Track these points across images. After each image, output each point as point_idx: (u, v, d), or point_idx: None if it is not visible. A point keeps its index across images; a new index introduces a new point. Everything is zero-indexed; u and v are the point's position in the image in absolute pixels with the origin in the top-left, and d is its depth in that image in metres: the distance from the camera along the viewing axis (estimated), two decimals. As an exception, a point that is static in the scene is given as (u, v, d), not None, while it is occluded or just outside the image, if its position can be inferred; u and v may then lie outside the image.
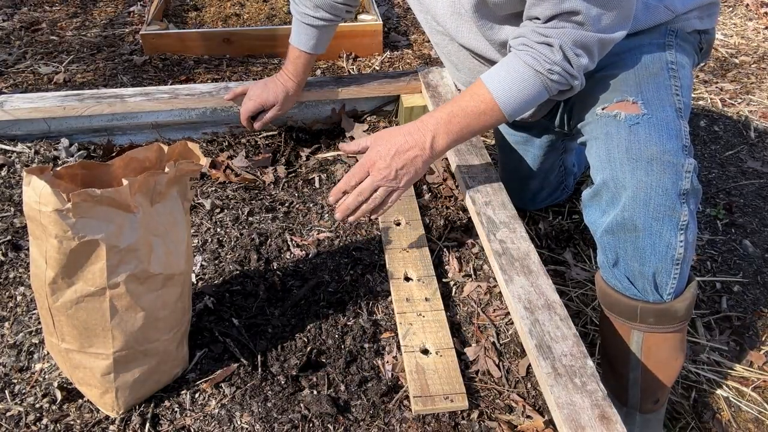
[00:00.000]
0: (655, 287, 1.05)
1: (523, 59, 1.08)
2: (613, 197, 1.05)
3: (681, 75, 1.16)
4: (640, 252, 1.03)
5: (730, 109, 2.42)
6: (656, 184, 1.01)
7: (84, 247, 0.82)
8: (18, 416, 0.97)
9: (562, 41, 1.05)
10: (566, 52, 1.06)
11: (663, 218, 1.01)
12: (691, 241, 1.04)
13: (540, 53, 1.07)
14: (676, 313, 1.07)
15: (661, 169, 1.01)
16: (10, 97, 1.60)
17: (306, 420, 0.96)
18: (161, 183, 0.87)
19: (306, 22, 1.47)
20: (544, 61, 1.07)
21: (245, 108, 1.54)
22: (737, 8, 3.26)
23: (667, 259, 1.03)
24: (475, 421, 0.97)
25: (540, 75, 1.08)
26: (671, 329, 1.09)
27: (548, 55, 1.06)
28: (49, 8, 3.10)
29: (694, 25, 1.27)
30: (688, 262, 1.06)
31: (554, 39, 1.05)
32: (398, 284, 1.19)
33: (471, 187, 1.30)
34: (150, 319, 0.91)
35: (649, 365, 1.13)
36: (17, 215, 1.37)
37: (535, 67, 1.07)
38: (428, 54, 2.72)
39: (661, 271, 1.04)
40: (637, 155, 1.03)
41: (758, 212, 1.92)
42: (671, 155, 1.02)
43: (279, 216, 1.39)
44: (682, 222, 1.02)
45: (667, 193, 1.00)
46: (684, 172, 1.02)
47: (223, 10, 2.89)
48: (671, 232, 1.02)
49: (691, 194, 1.03)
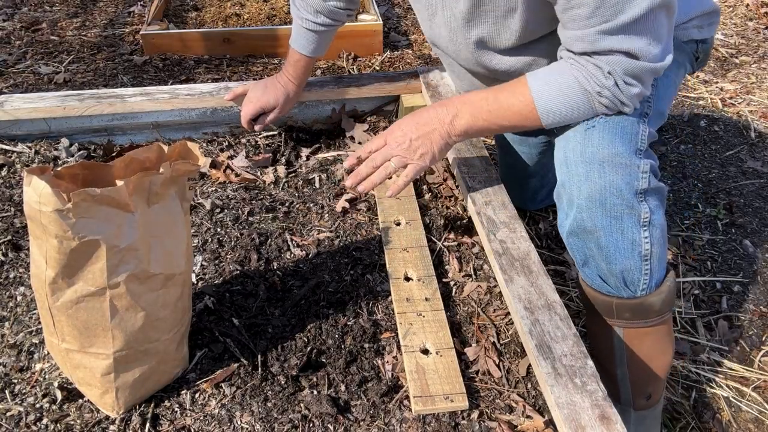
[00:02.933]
0: (626, 284, 1.07)
1: (574, 74, 1.05)
2: (570, 199, 1.07)
3: (658, 83, 1.17)
4: (605, 251, 1.05)
5: (730, 109, 2.42)
6: (609, 184, 1.03)
7: (84, 247, 0.82)
8: (18, 416, 0.97)
9: (613, 69, 1.01)
10: (617, 80, 1.02)
11: (621, 217, 1.03)
12: (658, 237, 1.05)
13: (591, 74, 1.03)
14: (652, 307, 1.09)
15: (614, 170, 1.03)
16: (10, 97, 1.60)
17: (306, 420, 0.96)
18: (156, 183, 0.87)
19: (307, 27, 1.47)
20: (594, 83, 1.03)
21: (246, 111, 1.54)
22: (737, 8, 3.26)
23: (635, 255, 1.05)
24: (476, 421, 0.97)
25: (589, 94, 1.05)
26: (651, 323, 1.10)
27: (599, 77, 1.03)
28: (49, 8, 3.10)
29: (691, 35, 1.27)
30: (660, 257, 1.07)
31: (604, 65, 1.02)
32: (398, 284, 1.19)
33: (471, 187, 1.30)
34: (150, 318, 0.91)
35: (634, 360, 1.14)
36: (17, 215, 1.37)
37: (585, 85, 1.04)
38: (428, 54, 2.72)
39: (630, 268, 1.06)
40: (590, 158, 1.05)
41: (758, 212, 1.92)
42: (623, 157, 1.04)
43: (279, 216, 1.39)
44: (644, 219, 1.04)
45: (621, 193, 1.03)
46: (640, 173, 1.04)
47: (223, 10, 2.89)
48: (633, 230, 1.04)
49: (651, 192, 1.05)
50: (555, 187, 1.12)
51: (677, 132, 2.28)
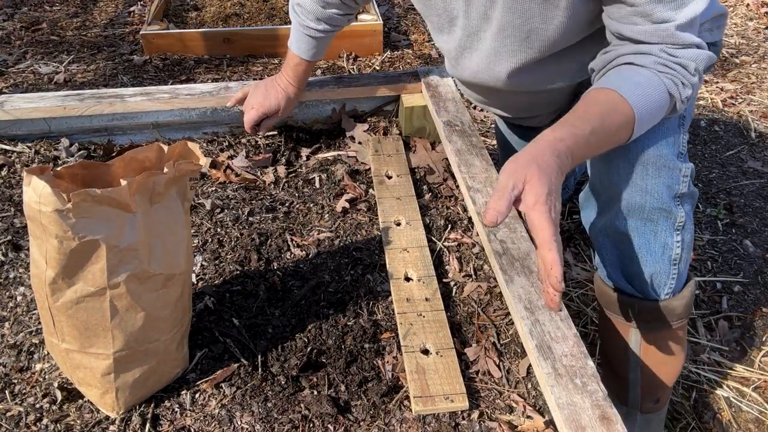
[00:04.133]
0: (652, 287, 1.06)
1: (665, 84, 0.97)
2: (610, 199, 1.06)
3: None
4: (636, 253, 1.04)
5: (730, 109, 2.42)
6: (651, 187, 1.02)
7: (84, 247, 0.82)
8: (18, 416, 0.97)
9: (698, 65, 0.97)
10: (700, 76, 0.98)
11: (658, 220, 1.02)
12: (688, 242, 1.05)
13: (681, 74, 0.97)
14: (674, 312, 1.08)
15: (657, 173, 1.02)
16: (10, 97, 1.60)
17: (306, 420, 0.96)
18: (160, 183, 0.87)
19: (307, 33, 1.47)
20: (682, 84, 0.97)
21: (249, 117, 1.53)
22: (738, 8, 3.26)
23: (665, 259, 1.04)
24: (476, 422, 0.97)
25: (674, 101, 0.99)
26: (669, 328, 1.09)
27: (686, 77, 0.97)
28: (49, 8, 3.10)
29: (703, 38, 1.27)
30: (686, 262, 1.06)
31: (690, 62, 0.97)
32: (398, 284, 1.19)
33: (471, 187, 1.30)
34: (150, 319, 0.91)
35: (648, 364, 1.14)
36: (17, 215, 1.37)
37: (673, 92, 0.97)
38: (429, 54, 2.72)
39: (659, 271, 1.04)
40: (634, 159, 1.04)
41: (759, 212, 1.92)
42: (667, 159, 1.03)
43: (279, 216, 1.39)
44: (679, 223, 1.03)
45: (661, 196, 1.01)
46: (681, 176, 1.03)
47: (223, 10, 2.89)
48: (667, 233, 1.03)
49: (687, 197, 1.04)
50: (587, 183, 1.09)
51: (677, 132, 2.28)
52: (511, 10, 1.09)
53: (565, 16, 1.05)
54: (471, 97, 1.47)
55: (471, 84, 1.36)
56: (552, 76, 1.19)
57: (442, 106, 1.58)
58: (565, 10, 1.04)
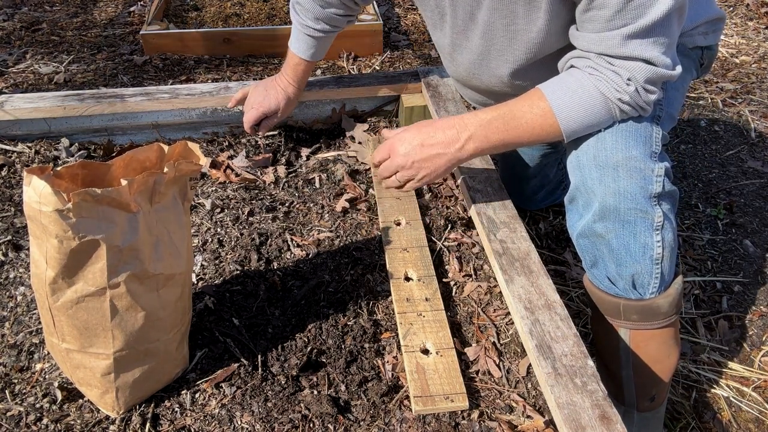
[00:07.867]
0: (636, 287, 1.07)
1: (593, 82, 1.02)
2: (587, 202, 1.07)
3: (667, 87, 1.16)
4: (616, 254, 1.05)
5: (730, 108, 2.42)
6: (624, 189, 1.02)
7: (84, 247, 0.82)
8: (18, 416, 0.97)
9: (632, 76, 1.00)
10: (637, 86, 1.01)
11: (635, 221, 1.03)
12: (669, 240, 1.05)
13: (611, 80, 1.01)
14: (659, 309, 1.08)
15: (628, 174, 1.02)
16: (10, 97, 1.60)
17: (306, 420, 0.96)
18: (160, 183, 0.87)
19: (307, 33, 1.47)
20: (615, 89, 1.01)
21: (248, 117, 1.53)
22: (737, 8, 3.26)
23: (646, 259, 1.04)
24: (476, 421, 0.97)
25: (609, 102, 1.02)
26: (657, 325, 1.10)
27: (619, 84, 1.01)
28: (49, 8, 3.10)
29: (696, 42, 1.26)
30: (670, 260, 1.07)
31: (624, 72, 1.00)
32: (398, 284, 1.19)
33: (471, 187, 1.30)
34: (150, 318, 0.91)
35: (639, 362, 1.14)
36: (17, 215, 1.37)
37: (606, 93, 1.02)
38: (428, 54, 2.72)
39: (640, 271, 1.05)
40: (603, 162, 1.05)
41: (759, 212, 1.92)
42: (637, 161, 1.03)
43: (279, 216, 1.39)
44: (657, 223, 1.03)
45: (635, 198, 1.02)
46: (654, 177, 1.03)
47: (223, 10, 2.89)
48: (646, 234, 1.03)
49: (665, 196, 1.05)
50: (554, 187, 1.12)
51: (677, 132, 2.28)
52: (495, 11, 1.11)
53: (546, 19, 1.07)
54: (468, 97, 1.47)
55: (468, 84, 1.36)
56: (546, 78, 1.20)
57: (442, 106, 1.58)
58: (545, 13, 1.06)
